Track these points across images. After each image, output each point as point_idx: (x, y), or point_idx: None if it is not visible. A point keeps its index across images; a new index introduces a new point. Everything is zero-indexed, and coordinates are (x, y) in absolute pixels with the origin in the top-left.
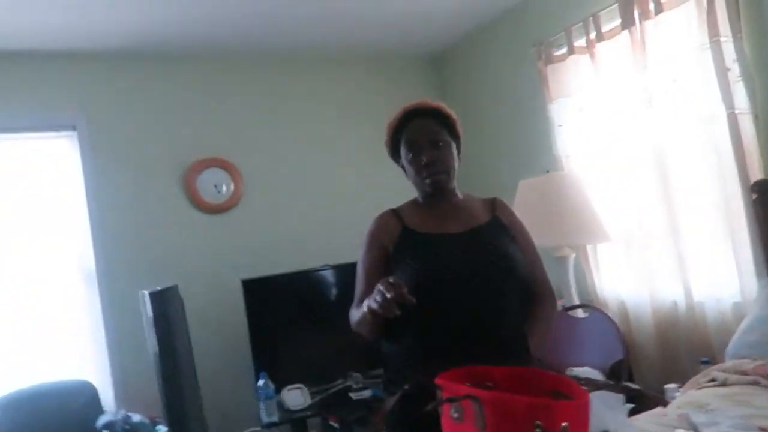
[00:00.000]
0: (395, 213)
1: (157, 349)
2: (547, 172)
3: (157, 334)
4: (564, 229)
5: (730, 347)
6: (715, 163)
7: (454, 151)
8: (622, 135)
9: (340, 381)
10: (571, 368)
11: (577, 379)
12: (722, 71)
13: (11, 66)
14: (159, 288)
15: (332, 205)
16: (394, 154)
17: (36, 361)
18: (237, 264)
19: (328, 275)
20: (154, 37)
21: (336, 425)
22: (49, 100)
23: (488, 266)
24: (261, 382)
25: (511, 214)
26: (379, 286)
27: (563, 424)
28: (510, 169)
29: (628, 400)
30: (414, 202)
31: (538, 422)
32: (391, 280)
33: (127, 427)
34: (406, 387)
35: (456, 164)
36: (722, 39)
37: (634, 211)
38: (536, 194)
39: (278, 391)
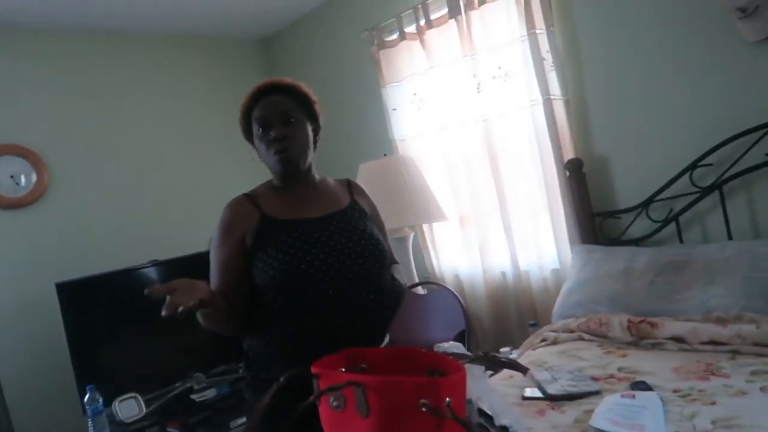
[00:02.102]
0: (250, 199)
1: None
2: (385, 155)
3: None
4: (404, 211)
5: (556, 309)
6: (535, 144)
7: (309, 130)
8: (453, 118)
9: (179, 384)
10: (438, 345)
11: (447, 354)
12: (539, 60)
13: None
14: None
15: (155, 196)
16: (248, 135)
17: None
18: (49, 266)
19: (156, 272)
20: None
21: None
22: None
23: (355, 249)
24: (87, 397)
25: (366, 195)
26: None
27: (447, 399)
28: (350, 152)
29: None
30: (269, 186)
31: (423, 400)
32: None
33: None
34: (281, 379)
35: (310, 143)
36: (538, 31)
37: (466, 190)
38: (375, 177)
39: (109, 403)
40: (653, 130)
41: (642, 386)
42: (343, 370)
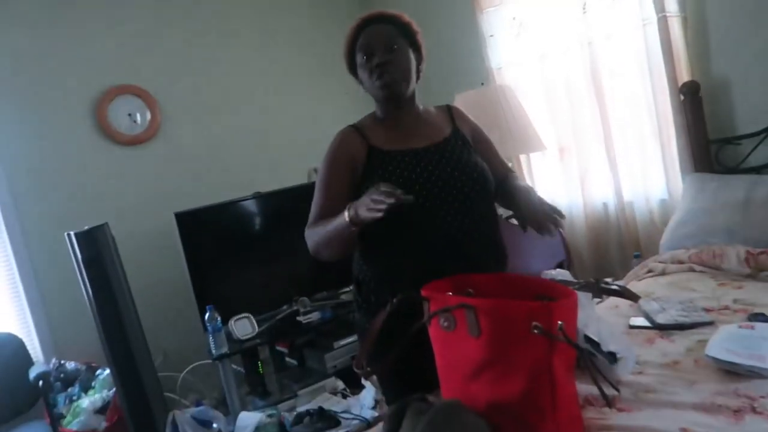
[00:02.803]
0: (357, 130)
1: (91, 291)
2: (482, 84)
3: (89, 277)
4: (501, 141)
5: (665, 240)
6: (646, 67)
7: (412, 57)
8: (555, 44)
9: (285, 307)
10: (545, 271)
11: (555, 280)
12: None
13: None
14: (86, 228)
15: (257, 132)
16: (352, 67)
17: None
18: (166, 197)
19: (259, 203)
20: None
21: (285, 350)
22: None
23: (459, 179)
24: (207, 315)
25: (467, 118)
26: (374, 195)
27: (559, 322)
28: (445, 82)
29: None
30: (374, 117)
31: (536, 323)
32: (384, 188)
33: (62, 375)
34: (394, 301)
35: (413, 71)
36: None
37: (568, 118)
38: (471, 107)
39: (225, 322)
40: None
41: (761, 318)
42: (450, 294)
